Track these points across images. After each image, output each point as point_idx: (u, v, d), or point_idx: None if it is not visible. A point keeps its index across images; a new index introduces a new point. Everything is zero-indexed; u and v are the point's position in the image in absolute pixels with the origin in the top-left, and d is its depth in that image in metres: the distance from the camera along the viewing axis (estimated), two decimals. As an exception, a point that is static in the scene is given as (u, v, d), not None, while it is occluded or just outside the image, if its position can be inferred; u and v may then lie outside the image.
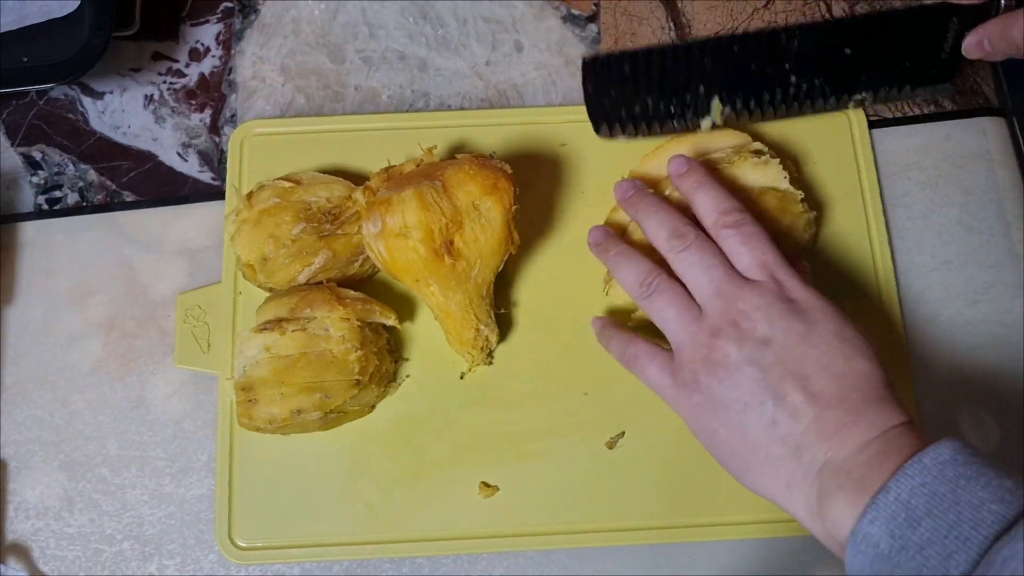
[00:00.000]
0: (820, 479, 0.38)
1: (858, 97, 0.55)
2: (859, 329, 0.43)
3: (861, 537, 0.36)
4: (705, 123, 0.53)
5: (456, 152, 0.55)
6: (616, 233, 0.50)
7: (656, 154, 0.53)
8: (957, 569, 0.33)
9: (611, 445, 0.51)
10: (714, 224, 0.46)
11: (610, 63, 0.52)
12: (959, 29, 0.52)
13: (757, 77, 0.52)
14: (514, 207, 0.47)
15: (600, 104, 0.53)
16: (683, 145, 0.53)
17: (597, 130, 0.54)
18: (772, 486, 0.40)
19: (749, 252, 0.44)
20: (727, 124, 0.54)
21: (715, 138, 0.53)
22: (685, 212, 0.48)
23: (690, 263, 0.45)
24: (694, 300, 0.44)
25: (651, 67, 0.51)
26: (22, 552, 0.50)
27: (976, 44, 0.51)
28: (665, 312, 0.45)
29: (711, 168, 0.50)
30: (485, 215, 0.46)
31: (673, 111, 0.53)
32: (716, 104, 0.53)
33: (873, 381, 0.40)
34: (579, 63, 0.59)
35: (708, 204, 0.46)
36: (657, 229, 0.46)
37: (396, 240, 0.46)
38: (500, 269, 0.49)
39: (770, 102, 0.53)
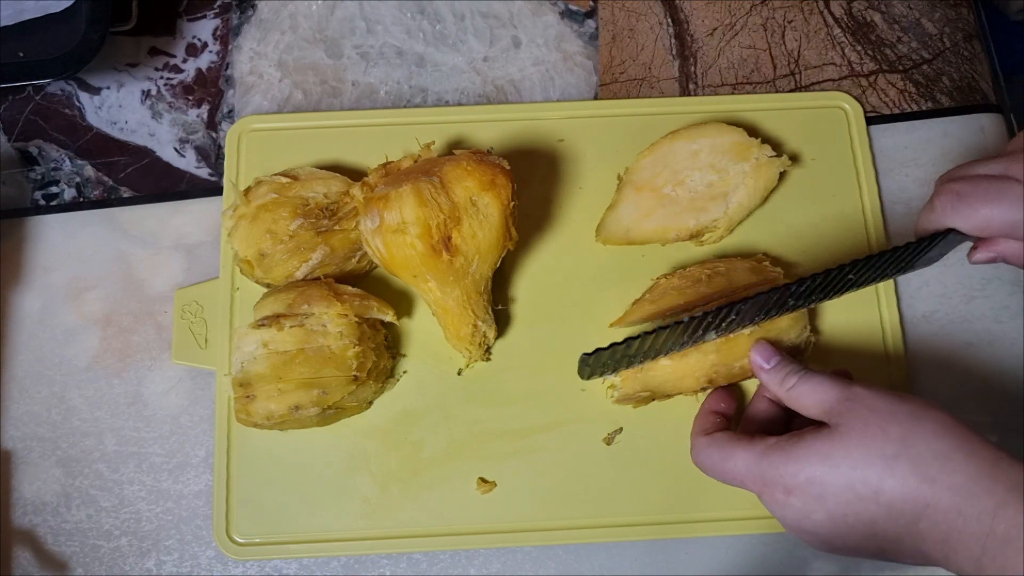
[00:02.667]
0: (986, 554, 0.37)
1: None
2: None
3: None
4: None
5: (454, 148, 0.55)
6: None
7: (652, 150, 0.53)
8: None
9: (609, 441, 0.51)
10: (775, 387, 0.45)
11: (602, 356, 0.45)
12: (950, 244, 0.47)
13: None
14: (512, 203, 0.47)
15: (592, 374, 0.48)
16: (676, 141, 0.53)
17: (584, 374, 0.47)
18: (904, 555, 0.40)
19: (820, 394, 0.43)
20: None
21: (708, 131, 0.53)
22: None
23: (799, 395, 0.44)
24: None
25: (639, 356, 0.47)
26: (28, 540, 0.50)
27: (986, 258, 0.47)
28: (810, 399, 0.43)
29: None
30: (483, 211, 0.46)
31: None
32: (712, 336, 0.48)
33: (968, 440, 0.39)
34: (577, 59, 0.59)
35: (776, 377, 0.45)
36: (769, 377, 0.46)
37: (394, 236, 0.46)
38: (498, 265, 0.49)
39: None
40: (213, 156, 0.58)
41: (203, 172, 0.57)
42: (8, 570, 0.50)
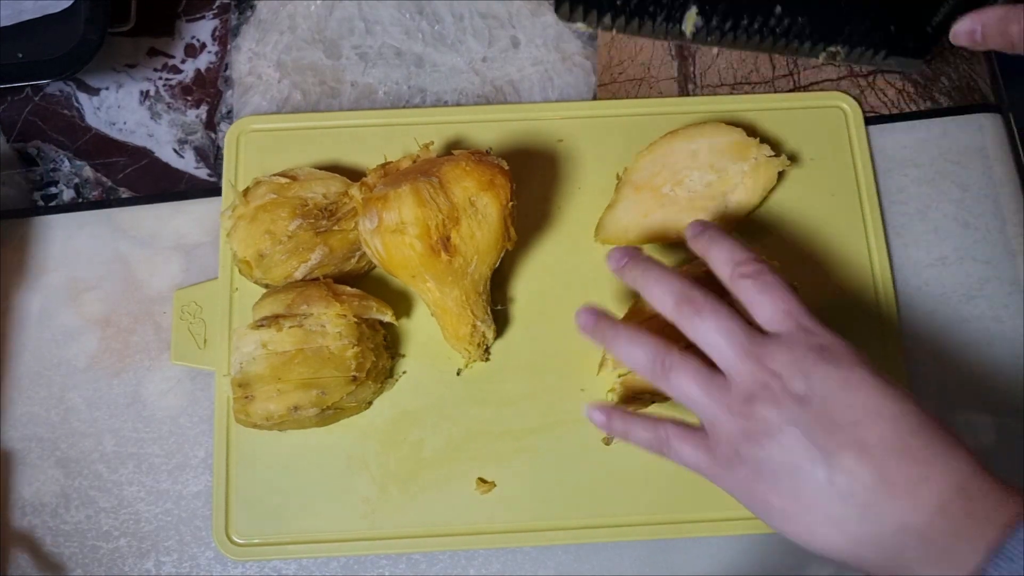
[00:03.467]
0: (896, 541, 0.35)
1: (832, 49, 0.52)
2: (889, 378, 0.39)
3: None
4: (676, 30, 0.49)
5: (452, 148, 0.55)
6: (606, 312, 0.45)
7: (651, 150, 0.53)
8: None
9: (608, 441, 0.51)
10: (731, 275, 0.42)
11: None
12: (954, 8, 0.48)
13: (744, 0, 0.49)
14: (511, 203, 0.47)
15: None
16: (675, 141, 0.53)
17: (557, 8, 0.48)
18: (836, 546, 0.37)
19: (771, 301, 0.41)
20: (696, 39, 0.50)
21: (707, 131, 0.53)
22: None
23: (706, 328, 0.40)
24: (715, 368, 0.40)
25: None
26: (27, 541, 0.50)
27: (967, 32, 0.48)
28: (688, 389, 0.40)
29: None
30: (482, 211, 0.46)
31: (645, 7, 0.48)
32: (692, 13, 0.49)
33: (932, 423, 0.37)
34: (576, 59, 0.59)
35: (723, 256, 0.43)
36: (663, 296, 0.42)
37: (392, 236, 0.46)
38: (497, 265, 0.49)
39: (746, 28, 0.50)
40: (212, 157, 0.58)
41: (202, 173, 0.57)
42: (6, 571, 0.50)
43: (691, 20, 0.49)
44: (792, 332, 0.40)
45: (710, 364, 0.41)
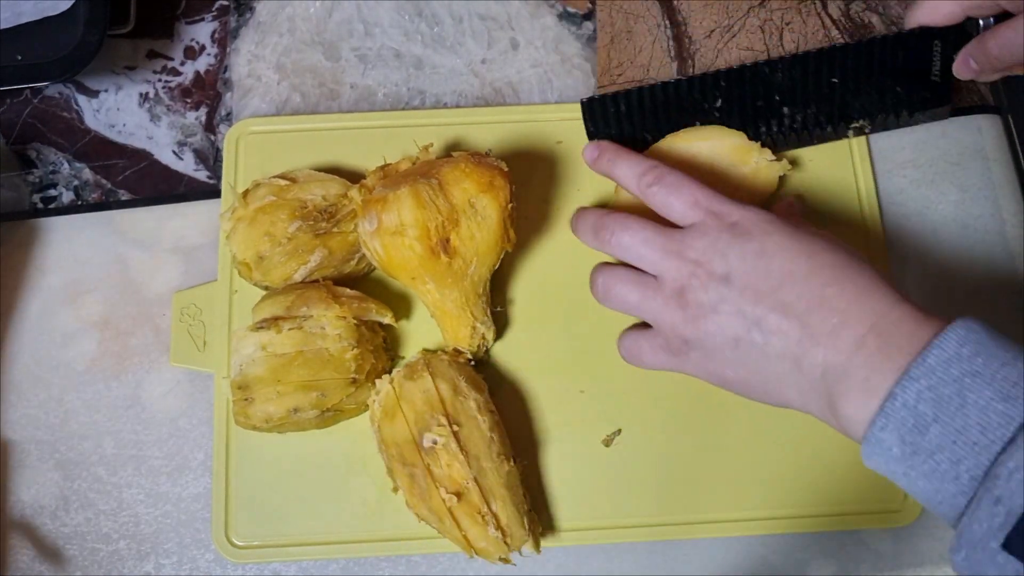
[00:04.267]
0: (825, 384, 0.39)
1: (856, 125, 0.54)
2: (816, 229, 0.43)
3: (874, 441, 0.36)
4: None
5: (452, 150, 0.55)
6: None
7: (650, 153, 0.53)
8: (968, 473, 0.34)
9: (608, 443, 0.51)
10: (638, 188, 0.47)
11: (606, 103, 0.52)
12: (944, 52, 0.52)
13: (750, 110, 0.52)
14: (510, 205, 0.47)
15: (595, 120, 0.53)
16: (675, 144, 0.53)
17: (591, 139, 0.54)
18: (791, 400, 0.41)
19: (677, 198, 0.45)
20: None
21: (707, 134, 0.53)
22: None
23: (626, 244, 0.45)
24: (646, 274, 0.45)
25: (647, 104, 0.52)
26: (25, 533, 0.50)
27: (963, 65, 0.51)
28: (627, 297, 0.45)
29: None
30: (481, 213, 0.46)
31: (663, 134, 0.53)
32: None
33: (848, 268, 0.40)
34: (575, 61, 0.59)
35: (627, 172, 0.47)
36: (582, 231, 0.48)
37: (392, 238, 0.46)
38: (496, 267, 0.49)
39: (767, 133, 0.53)
40: (211, 159, 0.58)
41: (201, 175, 0.57)
42: (5, 568, 0.50)
43: None
44: (703, 220, 0.44)
45: (642, 273, 0.45)
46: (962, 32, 0.51)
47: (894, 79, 0.53)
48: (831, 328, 0.39)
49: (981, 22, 0.50)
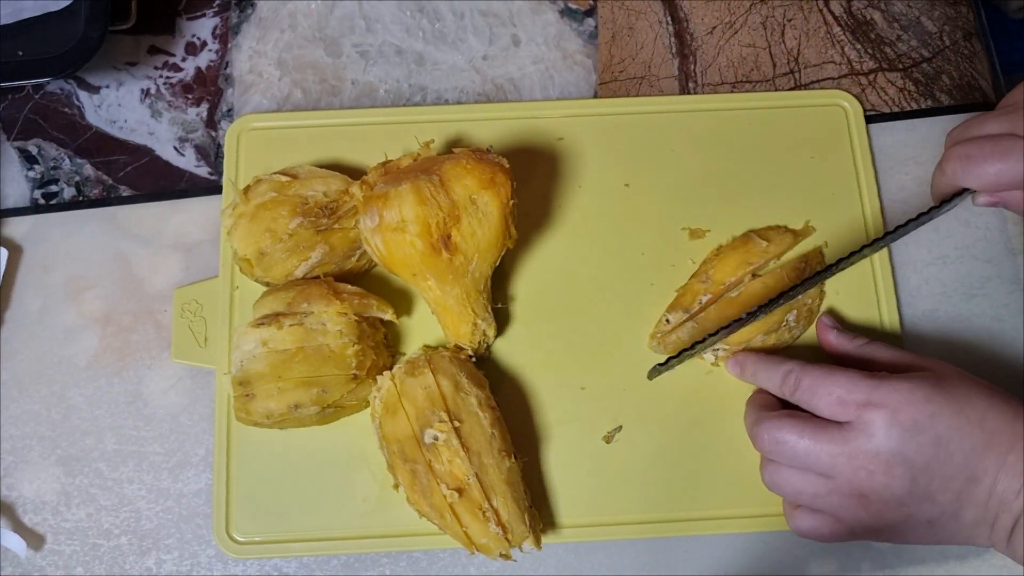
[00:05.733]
0: (1013, 535, 0.41)
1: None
2: (959, 394, 0.43)
3: None
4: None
5: (453, 146, 0.55)
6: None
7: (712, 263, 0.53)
8: None
9: (608, 439, 0.51)
10: (781, 395, 0.46)
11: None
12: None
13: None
14: (511, 201, 0.47)
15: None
16: (732, 257, 0.52)
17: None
18: (979, 544, 0.43)
19: (821, 400, 0.44)
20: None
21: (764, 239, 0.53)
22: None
23: (789, 451, 0.44)
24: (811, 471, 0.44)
25: None
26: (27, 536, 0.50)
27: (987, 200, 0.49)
28: (803, 491, 0.44)
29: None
30: (482, 209, 0.46)
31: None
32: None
33: (1016, 422, 0.42)
34: (576, 58, 0.59)
35: (768, 382, 0.47)
36: (755, 435, 0.47)
37: (393, 234, 0.46)
38: (497, 263, 0.49)
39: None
40: (212, 155, 0.58)
41: (202, 171, 0.57)
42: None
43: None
44: (859, 416, 0.43)
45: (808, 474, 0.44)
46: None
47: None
48: (1016, 493, 0.41)
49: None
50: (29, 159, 0.57)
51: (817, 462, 0.43)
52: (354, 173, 0.53)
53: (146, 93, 0.59)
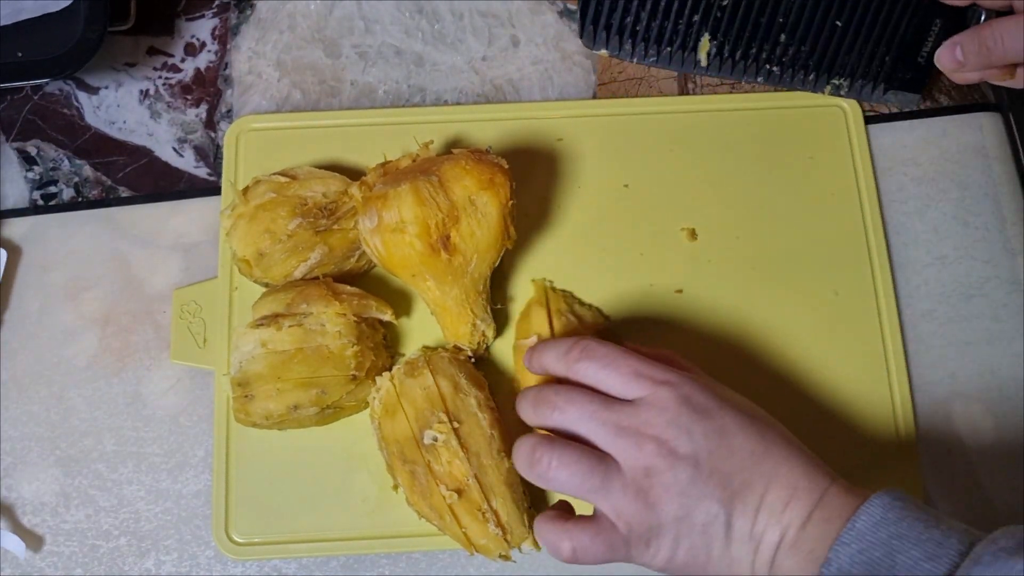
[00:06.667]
0: (776, 559, 0.39)
1: (836, 82, 0.55)
2: (739, 402, 0.42)
3: None
4: (692, 59, 0.55)
5: (452, 147, 0.55)
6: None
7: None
8: None
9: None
10: (567, 369, 0.43)
11: None
12: (939, 34, 0.52)
13: (750, 24, 0.54)
14: (510, 202, 0.47)
15: (595, 7, 0.53)
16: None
17: (582, 33, 0.55)
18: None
19: (614, 371, 0.41)
20: (709, 68, 0.55)
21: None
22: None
23: (574, 420, 0.41)
24: (593, 449, 0.41)
25: None
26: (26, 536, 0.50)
27: (949, 53, 0.51)
28: (580, 485, 0.40)
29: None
30: (481, 210, 0.46)
31: (663, 34, 0.54)
32: (705, 40, 0.54)
33: (790, 445, 0.41)
34: (575, 58, 0.59)
35: (551, 359, 0.44)
36: (524, 410, 0.44)
37: (392, 235, 0.46)
38: (496, 264, 0.49)
39: (755, 58, 0.54)
40: (212, 156, 0.58)
41: (202, 172, 0.57)
42: None
43: (704, 48, 0.54)
44: (653, 391, 0.41)
45: (593, 452, 0.41)
46: (962, 19, 0.52)
47: (887, 47, 0.54)
48: (784, 505, 0.39)
49: (983, 15, 0.51)
50: (28, 160, 0.57)
51: (603, 431, 0.40)
52: (353, 174, 0.53)
53: (145, 94, 0.59)
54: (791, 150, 0.56)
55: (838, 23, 0.53)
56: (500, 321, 0.52)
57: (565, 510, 0.44)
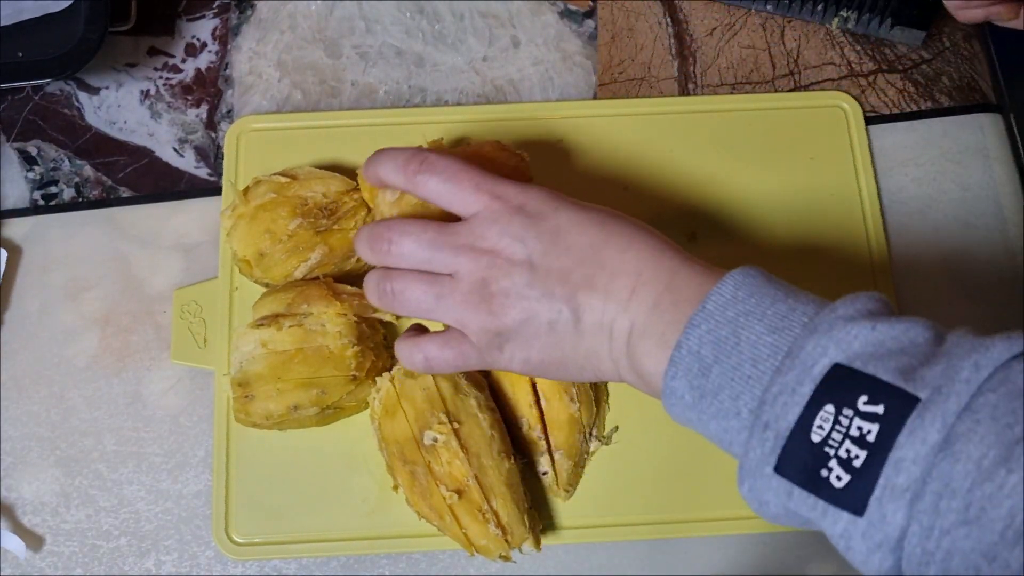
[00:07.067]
0: (630, 347, 0.39)
1: (843, 14, 0.56)
2: (585, 204, 0.42)
3: (668, 392, 0.37)
4: None
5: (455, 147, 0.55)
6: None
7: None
8: (747, 407, 0.34)
9: (607, 440, 0.51)
10: (406, 181, 0.42)
11: None
12: None
13: None
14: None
15: None
16: None
17: None
18: (606, 371, 0.40)
19: (455, 184, 0.41)
20: None
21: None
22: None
23: (411, 251, 0.41)
24: (435, 274, 0.42)
25: None
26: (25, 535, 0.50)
27: None
28: (420, 303, 0.42)
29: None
30: None
31: None
32: None
33: (638, 233, 0.40)
34: (576, 59, 0.59)
35: (389, 168, 0.43)
36: (359, 245, 0.44)
37: (412, 208, 0.45)
38: None
39: None
40: (212, 156, 0.58)
41: (202, 172, 0.57)
42: None
43: None
44: (488, 204, 0.41)
45: (431, 275, 0.42)
46: None
47: None
48: (630, 292, 0.39)
49: None
50: (29, 160, 0.57)
51: (439, 255, 0.41)
52: (353, 174, 0.53)
53: (146, 94, 0.59)
54: (791, 151, 0.56)
55: None
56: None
57: (420, 331, 0.45)
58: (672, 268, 0.39)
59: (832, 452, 0.31)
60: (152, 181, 0.57)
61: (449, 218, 0.42)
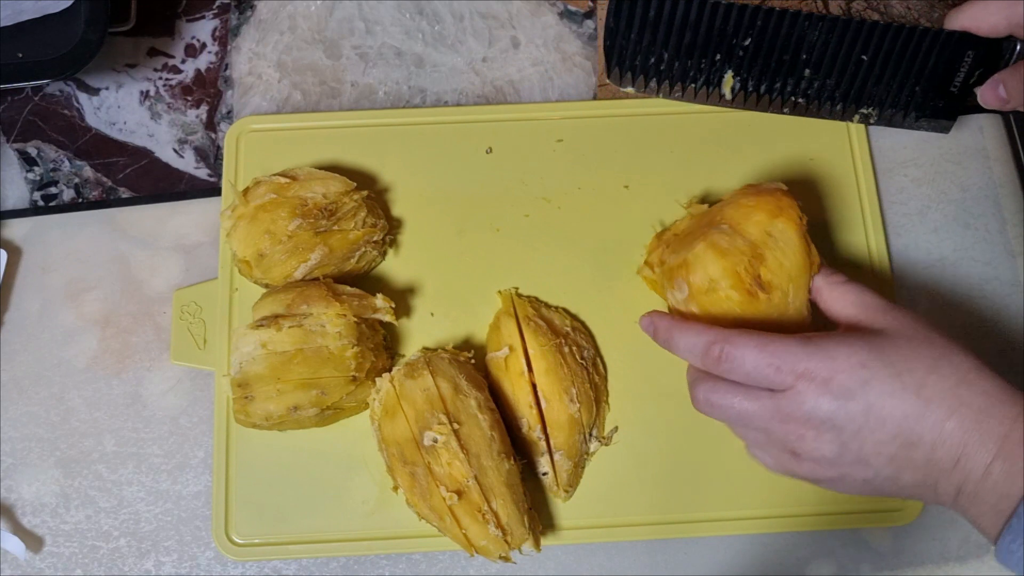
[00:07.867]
0: (958, 503, 0.40)
1: (864, 111, 0.53)
2: (898, 354, 0.41)
3: (1007, 553, 0.38)
4: (717, 93, 0.53)
5: (455, 149, 0.55)
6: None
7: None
8: None
9: (606, 441, 0.51)
10: (704, 366, 0.44)
11: (636, 3, 0.50)
12: (972, 65, 0.50)
13: (774, 62, 0.51)
14: (803, 219, 0.46)
15: (619, 45, 0.51)
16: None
17: (609, 73, 0.52)
18: (927, 501, 0.42)
19: (758, 374, 0.42)
20: (735, 101, 0.53)
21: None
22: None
23: (726, 412, 0.43)
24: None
25: (675, 17, 0.50)
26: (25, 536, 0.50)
27: (992, 91, 0.50)
28: (746, 438, 0.45)
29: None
30: (781, 238, 0.45)
31: (687, 73, 0.52)
32: (728, 77, 0.52)
33: (959, 387, 0.40)
34: (576, 60, 0.59)
35: (688, 349, 0.44)
36: (689, 353, 0.45)
37: (707, 296, 0.45)
38: (810, 287, 0.46)
39: (780, 91, 0.52)
40: (212, 157, 0.58)
41: (202, 173, 0.57)
42: None
43: (728, 83, 0.52)
44: (792, 386, 0.41)
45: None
46: (996, 50, 0.49)
47: (916, 78, 0.51)
48: (954, 463, 0.39)
49: (1019, 46, 0.49)
50: (28, 161, 0.57)
51: (751, 424, 0.43)
52: (353, 175, 0.53)
53: (145, 95, 0.59)
54: (791, 151, 0.56)
55: (864, 57, 0.51)
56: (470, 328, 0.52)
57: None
58: (1002, 435, 0.38)
59: None
60: (152, 182, 0.57)
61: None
